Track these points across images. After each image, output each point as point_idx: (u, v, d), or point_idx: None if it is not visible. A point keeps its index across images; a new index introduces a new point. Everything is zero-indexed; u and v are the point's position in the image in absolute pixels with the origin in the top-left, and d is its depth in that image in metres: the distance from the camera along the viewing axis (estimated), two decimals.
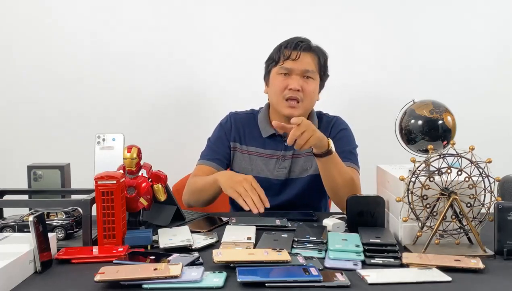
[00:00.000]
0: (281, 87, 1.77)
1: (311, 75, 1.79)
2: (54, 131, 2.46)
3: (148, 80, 2.48)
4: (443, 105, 1.39)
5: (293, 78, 1.77)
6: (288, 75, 1.77)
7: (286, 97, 1.76)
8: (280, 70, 1.79)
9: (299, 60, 1.77)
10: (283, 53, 1.79)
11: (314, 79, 1.80)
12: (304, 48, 1.78)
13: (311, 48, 1.81)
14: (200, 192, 1.74)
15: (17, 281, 1.06)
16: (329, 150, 1.60)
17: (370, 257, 1.19)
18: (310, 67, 1.78)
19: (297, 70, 1.77)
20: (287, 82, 1.76)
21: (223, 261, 1.11)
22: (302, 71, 1.77)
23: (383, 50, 2.50)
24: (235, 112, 1.93)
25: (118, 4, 2.45)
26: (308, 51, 1.79)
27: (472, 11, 2.49)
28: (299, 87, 1.75)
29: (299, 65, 1.77)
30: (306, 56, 1.79)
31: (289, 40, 1.81)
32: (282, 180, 1.83)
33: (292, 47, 1.78)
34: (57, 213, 1.36)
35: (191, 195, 1.77)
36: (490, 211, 1.27)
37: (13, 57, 2.45)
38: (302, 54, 1.77)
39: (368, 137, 2.32)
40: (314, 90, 1.80)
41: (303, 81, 1.77)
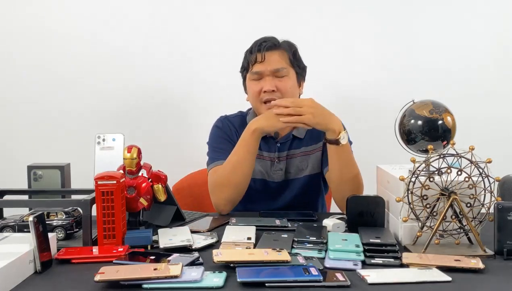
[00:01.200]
0: (256, 91, 1.76)
1: (283, 73, 1.76)
2: (54, 131, 2.46)
3: (148, 80, 2.48)
4: (443, 106, 1.39)
5: (265, 80, 1.75)
6: (261, 79, 1.76)
7: (263, 100, 1.75)
8: (251, 76, 1.78)
9: (266, 61, 1.75)
10: (250, 58, 1.78)
11: (288, 75, 1.77)
12: (268, 47, 1.76)
13: (275, 46, 1.78)
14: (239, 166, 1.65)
15: (17, 281, 1.06)
16: (337, 139, 1.58)
17: (370, 257, 1.19)
18: (280, 65, 1.76)
19: (266, 71, 1.75)
20: (260, 85, 1.75)
21: (223, 261, 1.11)
22: (272, 71, 1.75)
23: (383, 50, 2.50)
24: (226, 116, 1.91)
25: (118, 4, 2.45)
26: (273, 49, 1.77)
27: (472, 11, 2.49)
28: (272, 88, 1.73)
29: (267, 66, 1.75)
30: (273, 55, 1.76)
31: (253, 44, 1.80)
32: (279, 182, 1.83)
33: (256, 50, 1.76)
34: (57, 213, 1.36)
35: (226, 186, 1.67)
36: (490, 211, 1.27)
37: (13, 57, 2.45)
38: (268, 53, 1.75)
39: (368, 137, 2.33)
40: (291, 86, 1.78)
41: (277, 81, 1.75)
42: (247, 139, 1.65)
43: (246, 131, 1.66)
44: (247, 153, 1.65)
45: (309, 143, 1.83)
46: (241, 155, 1.66)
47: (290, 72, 1.78)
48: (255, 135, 1.64)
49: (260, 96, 1.76)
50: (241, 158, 1.66)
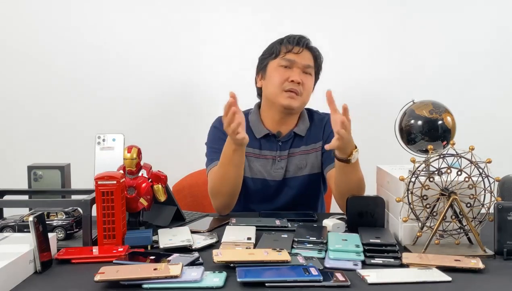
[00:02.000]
0: (282, 78, 1.76)
1: (310, 71, 1.80)
2: (54, 132, 2.46)
3: (149, 80, 2.47)
4: (442, 106, 1.39)
5: (294, 70, 1.77)
6: (289, 68, 1.77)
7: (286, 88, 1.75)
8: (281, 62, 1.78)
9: (301, 55, 1.78)
10: (286, 46, 1.79)
11: (311, 75, 1.81)
12: (306, 44, 1.80)
13: (311, 47, 1.82)
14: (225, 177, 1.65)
15: (17, 281, 1.06)
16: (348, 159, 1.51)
17: (370, 257, 1.19)
18: (311, 63, 1.80)
19: (299, 63, 1.77)
20: (288, 74, 1.76)
21: (223, 261, 1.11)
22: (304, 66, 1.78)
23: (383, 50, 2.50)
24: None
25: (119, 5, 2.45)
26: (308, 48, 1.81)
27: (472, 11, 2.49)
28: (300, 80, 1.75)
29: (301, 59, 1.78)
30: (307, 52, 1.80)
31: (290, 35, 1.82)
32: (279, 181, 1.82)
33: (295, 42, 1.79)
34: (57, 213, 1.36)
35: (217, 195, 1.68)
36: (490, 211, 1.27)
37: (13, 57, 2.45)
38: (304, 49, 1.79)
39: (368, 137, 2.32)
40: (311, 86, 1.82)
41: (303, 76, 1.78)
42: (228, 151, 1.61)
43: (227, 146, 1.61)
44: (232, 166, 1.64)
45: (309, 142, 1.84)
46: (226, 166, 1.65)
47: (313, 74, 1.82)
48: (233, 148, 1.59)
49: (284, 85, 1.76)
50: (226, 169, 1.65)
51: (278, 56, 1.79)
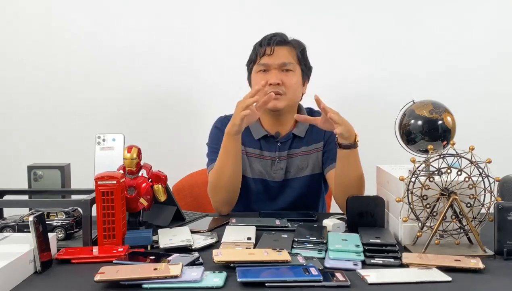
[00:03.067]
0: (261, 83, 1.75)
1: (290, 68, 1.78)
2: (54, 132, 2.46)
3: (149, 80, 2.48)
4: (442, 106, 1.39)
5: (271, 72, 1.76)
6: (267, 71, 1.77)
7: (267, 92, 1.73)
8: (258, 68, 1.79)
9: (275, 54, 1.77)
10: (258, 51, 1.79)
11: (294, 71, 1.79)
12: (278, 42, 1.78)
13: (285, 42, 1.80)
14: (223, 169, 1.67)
15: (17, 281, 1.06)
16: (355, 142, 1.59)
17: (370, 257, 1.19)
18: (287, 60, 1.78)
19: (274, 64, 1.76)
20: (266, 77, 1.75)
21: (223, 261, 1.11)
22: (279, 65, 1.76)
23: (383, 50, 2.50)
24: (225, 116, 1.90)
25: (119, 5, 2.45)
26: (283, 45, 1.79)
27: (472, 11, 2.49)
28: (278, 81, 1.74)
29: (274, 59, 1.77)
30: (282, 50, 1.78)
31: (263, 38, 1.82)
32: (279, 182, 1.82)
33: (265, 43, 1.78)
34: (57, 213, 1.36)
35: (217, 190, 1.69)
36: (490, 211, 1.27)
37: (13, 57, 2.45)
38: (277, 48, 1.77)
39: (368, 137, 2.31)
40: (296, 82, 1.79)
41: (283, 75, 1.76)
42: (225, 142, 1.66)
43: (224, 135, 1.67)
44: (227, 156, 1.67)
45: (309, 143, 1.83)
46: (223, 159, 1.68)
47: (296, 68, 1.80)
48: (229, 137, 1.64)
49: (265, 89, 1.75)
50: (223, 162, 1.68)
51: (256, 62, 1.80)
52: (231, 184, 1.69)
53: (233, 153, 1.66)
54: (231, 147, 1.66)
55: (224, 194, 1.70)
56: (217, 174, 1.69)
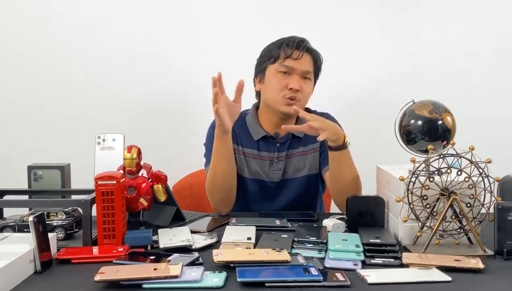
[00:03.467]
0: (281, 85, 1.74)
1: (309, 76, 1.77)
2: (54, 131, 2.46)
3: (149, 80, 2.48)
4: (442, 106, 1.39)
5: (293, 77, 1.74)
6: (288, 74, 1.74)
7: (286, 96, 1.74)
8: (280, 68, 1.75)
9: (301, 60, 1.75)
10: (284, 51, 1.75)
11: (311, 80, 1.79)
12: (306, 48, 1.77)
13: (311, 50, 1.79)
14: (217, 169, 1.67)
15: (17, 281, 1.06)
16: (344, 143, 1.59)
17: (370, 257, 1.19)
18: (310, 68, 1.77)
19: (299, 70, 1.74)
20: (287, 81, 1.73)
21: (223, 261, 1.11)
22: (303, 72, 1.75)
23: (383, 50, 2.50)
24: None
25: (119, 5, 2.45)
26: (308, 52, 1.78)
27: (472, 11, 2.49)
28: (299, 87, 1.73)
29: (300, 65, 1.75)
30: (307, 57, 1.77)
31: (289, 38, 1.78)
32: (277, 182, 1.82)
33: (294, 46, 1.75)
34: (57, 213, 1.36)
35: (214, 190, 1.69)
36: (490, 211, 1.27)
37: (13, 57, 2.45)
38: (305, 54, 1.75)
39: (368, 137, 2.33)
40: (310, 91, 1.80)
41: (302, 82, 1.75)
42: (215, 143, 1.65)
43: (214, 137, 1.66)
44: (219, 157, 1.66)
45: (306, 143, 1.83)
46: (215, 160, 1.67)
47: (312, 78, 1.80)
48: (218, 138, 1.64)
49: (284, 92, 1.74)
50: (215, 162, 1.67)
51: (277, 61, 1.76)
52: (226, 184, 1.69)
53: (224, 153, 1.65)
54: (221, 147, 1.65)
55: (220, 194, 1.69)
56: (211, 174, 1.69)
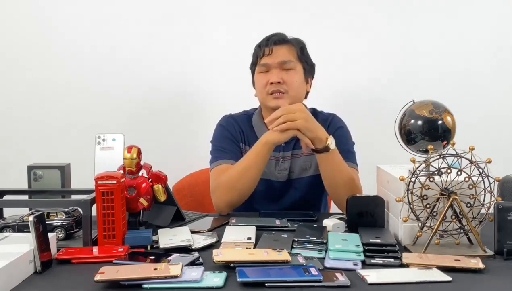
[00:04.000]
0: (263, 83, 1.78)
1: (290, 66, 1.78)
2: (54, 132, 2.46)
3: (149, 80, 2.48)
4: (442, 106, 1.39)
5: (272, 72, 1.77)
6: (268, 72, 1.78)
7: (269, 92, 1.76)
8: (259, 69, 1.80)
9: (274, 54, 1.78)
10: (258, 52, 1.81)
11: (295, 69, 1.79)
12: (276, 41, 1.79)
13: (284, 40, 1.81)
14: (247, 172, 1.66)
15: (17, 281, 1.06)
16: (326, 146, 1.60)
17: (370, 257, 1.19)
18: (287, 58, 1.78)
19: (274, 63, 1.77)
20: (267, 77, 1.77)
21: (223, 261, 1.11)
22: (279, 64, 1.77)
23: (383, 50, 2.50)
24: (230, 115, 1.92)
25: (119, 5, 2.45)
26: (281, 44, 1.80)
27: (471, 11, 2.49)
28: (279, 79, 1.75)
29: (274, 58, 1.78)
30: (280, 49, 1.79)
31: (263, 39, 1.83)
32: (283, 182, 1.83)
33: (264, 44, 1.80)
34: (57, 213, 1.36)
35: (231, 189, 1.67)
36: (490, 211, 1.27)
37: (13, 57, 2.45)
38: (276, 47, 1.78)
39: (368, 137, 2.32)
40: (298, 80, 1.79)
41: (284, 74, 1.77)
42: (259, 148, 1.65)
43: (259, 142, 1.66)
44: (257, 159, 1.65)
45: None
46: (252, 160, 1.66)
47: (297, 66, 1.80)
48: (266, 146, 1.64)
49: (266, 88, 1.77)
50: (251, 163, 1.66)
51: (257, 63, 1.81)
52: (249, 189, 1.69)
53: (263, 159, 1.66)
54: (263, 154, 1.65)
55: (237, 196, 1.68)
56: (238, 174, 1.67)
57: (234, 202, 1.70)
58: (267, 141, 1.63)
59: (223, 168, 1.74)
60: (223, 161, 1.77)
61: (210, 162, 1.83)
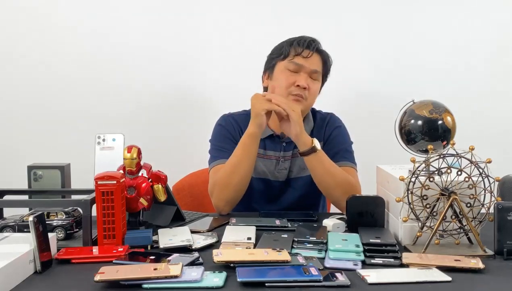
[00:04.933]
0: (288, 82, 1.75)
1: (317, 77, 1.79)
2: (54, 131, 2.46)
3: (149, 80, 2.48)
4: (442, 106, 1.39)
5: (301, 75, 1.75)
6: (296, 73, 1.76)
7: (292, 93, 1.75)
8: (289, 65, 1.77)
9: (311, 59, 1.76)
10: (295, 48, 1.77)
11: (318, 81, 1.80)
12: (317, 48, 1.78)
13: (321, 50, 1.81)
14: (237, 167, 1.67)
15: (17, 281, 1.06)
16: (313, 146, 1.62)
17: (370, 257, 1.19)
18: (319, 68, 1.79)
19: (307, 68, 1.76)
20: (295, 78, 1.75)
21: (223, 261, 1.11)
22: (311, 71, 1.76)
23: (383, 50, 2.50)
24: (230, 114, 1.91)
25: (119, 5, 2.45)
26: (318, 53, 1.79)
27: (471, 10, 2.49)
28: (306, 85, 1.74)
29: (309, 64, 1.76)
30: (316, 57, 1.79)
31: (301, 37, 1.80)
32: (282, 181, 1.83)
33: (305, 45, 1.77)
34: (57, 213, 1.36)
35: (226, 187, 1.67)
36: (490, 211, 1.27)
37: (13, 57, 2.45)
38: (314, 53, 1.77)
39: (368, 137, 2.33)
40: (317, 91, 1.81)
41: (310, 81, 1.76)
42: (245, 141, 1.67)
43: (245, 134, 1.68)
44: (245, 155, 1.67)
45: None
46: (239, 156, 1.68)
47: (320, 79, 1.81)
48: (251, 138, 1.65)
49: (291, 88, 1.75)
50: (239, 159, 1.67)
51: (287, 58, 1.77)
52: (243, 184, 1.69)
53: (252, 153, 1.67)
54: (250, 147, 1.66)
55: (233, 193, 1.69)
56: (229, 171, 1.68)
57: (231, 199, 1.70)
58: (250, 133, 1.65)
59: (221, 167, 1.75)
60: (222, 160, 1.77)
61: (209, 161, 1.83)
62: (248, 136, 1.66)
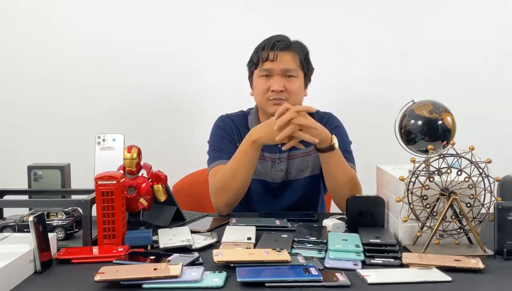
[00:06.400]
0: (263, 89, 1.75)
1: (292, 74, 1.76)
2: (54, 131, 2.46)
3: (149, 80, 2.48)
4: (442, 106, 1.39)
5: (274, 79, 1.74)
6: (269, 77, 1.75)
7: (269, 98, 1.74)
8: (260, 73, 1.77)
9: (278, 60, 1.74)
10: (261, 55, 1.76)
11: (296, 77, 1.77)
12: (281, 47, 1.75)
13: (289, 47, 1.77)
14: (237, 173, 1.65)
15: (17, 281, 1.06)
16: (331, 145, 1.60)
17: (370, 257, 1.19)
18: (290, 66, 1.76)
19: (277, 70, 1.74)
20: (269, 83, 1.74)
21: (223, 261, 1.11)
22: (282, 71, 1.74)
23: (383, 50, 2.50)
24: (227, 115, 1.91)
25: (118, 5, 2.45)
26: (286, 50, 1.76)
27: (472, 11, 2.49)
28: (281, 88, 1.73)
29: (278, 65, 1.74)
30: (284, 55, 1.76)
31: (266, 41, 1.79)
32: (279, 183, 1.82)
33: (269, 47, 1.75)
34: (57, 213, 1.36)
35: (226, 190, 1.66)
36: (490, 211, 1.27)
37: (13, 57, 2.45)
38: (280, 53, 1.74)
39: (368, 137, 2.33)
40: (298, 88, 1.77)
41: (286, 81, 1.75)
42: (247, 148, 1.64)
43: (247, 140, 1.64)
44: (246, 161, 1.65)
45: (309, 143, 1.83)
46: (241, 162, 1.66)
47: (299, 73, 1.78)
48: (254, 146, 1.63)
49: (267, 95, 1.75)
50: (241, 165, 1.66)
51: (258, 66, 1.78)
52: (242, 188, 1.68)
53: (253, 160, 1.65)
54: (252, 154, 1.64)
55: (232, 196, 1.68)
56: (229, 175, 1.67)
57: (231, 201, 1.69)
58: (255, 139, 1.62)
59: (220, 169, 1.74)
60: (221, 161, 1.77)
61: (208, 162, 1.82)
62: (251, 144, 1.63)
